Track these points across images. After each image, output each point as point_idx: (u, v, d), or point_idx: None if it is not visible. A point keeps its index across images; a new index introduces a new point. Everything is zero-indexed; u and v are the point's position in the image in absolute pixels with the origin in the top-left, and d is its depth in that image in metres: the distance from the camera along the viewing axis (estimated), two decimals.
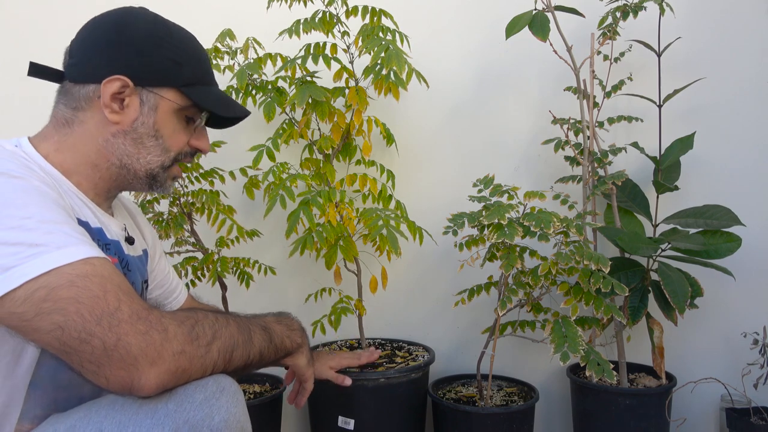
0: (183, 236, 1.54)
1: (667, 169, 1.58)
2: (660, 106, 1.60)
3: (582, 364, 1.25)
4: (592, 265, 1.27)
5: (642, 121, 1.64)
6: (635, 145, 1.60)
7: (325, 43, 1.51)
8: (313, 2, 1.52)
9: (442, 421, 1.47)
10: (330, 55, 1.48)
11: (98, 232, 0.88)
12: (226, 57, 1.54)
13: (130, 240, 1.00)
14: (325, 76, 1.57)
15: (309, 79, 1.50)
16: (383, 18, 1.51)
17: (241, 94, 1.54)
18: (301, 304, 1.70)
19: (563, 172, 1.69)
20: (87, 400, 0.80)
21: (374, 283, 1.51)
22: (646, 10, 1.53)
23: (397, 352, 1.63)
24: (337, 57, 1.50)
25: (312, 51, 1.49)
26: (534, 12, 1.44)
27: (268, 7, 1.52)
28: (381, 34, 1.45)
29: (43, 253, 0.67)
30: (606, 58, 1.62)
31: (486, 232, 1.35)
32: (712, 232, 1.50)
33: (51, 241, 0.69)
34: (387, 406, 1.43)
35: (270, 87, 1.53)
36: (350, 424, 1.41)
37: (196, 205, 1.52)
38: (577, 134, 1.63)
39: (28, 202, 0.71)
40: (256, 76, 1.54)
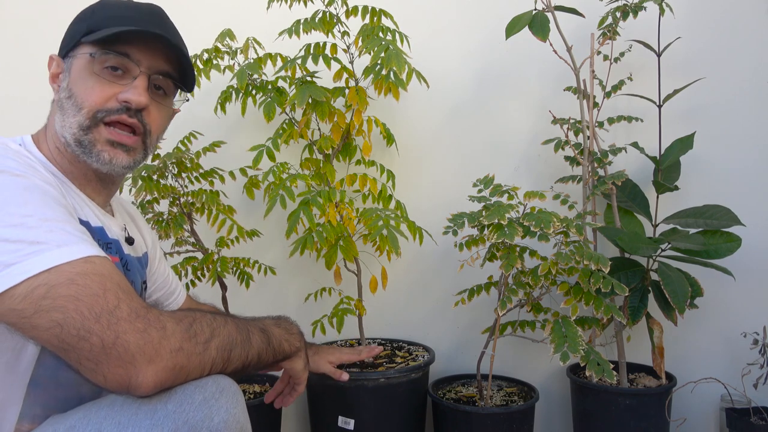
0: (183, 236, 1.54)
1: (667, 169, 1.58)
2: (660, 106, 1.60)
3: (582, 364, 1.25)
4: (592, 265, 1.26)
5: (642, 121, 1.64)
6: (635, 145, 1.60)
7: (325, 43, 1.51)
8: (313, 2, 1.52)
9: (442, 421, 1.46)
10: (330, 55, 1.48)
11: (99, 232, 0.89)
12: (226, 57, 1.54)
13: (130, 240, 1.00)
14: (325, 76, 1.57)
15: (309, 79, 1.50)
16: (383, 18, 1.51)
17: (241, 94, 1.54)
18: (301, 304, 1.70)
19: (563, 172, 1.69)
20: (87, 400, 0.80)
21: (374, 283, 1.51)
22: (645, 10, 1.54)
23: (397, 352, 1.63)
24: (337, 57, 1.50)
25: (312, 51, 1.49)
26: (534, 12, 1.44)
27: (268, 7, 1.53)
28: (381, 34, 1.45)
29: (44, 251, 0.68)
30: (606, 58, 1.63)
31: (486, 232, 1.35)
32: (712, 232, 1.50)
33: (52, 239, 0.69)
34: (387, 406, 1.43)
35: (270, 87, 1.53)
36: (350, 424, 1.41)
37: (196, 205, 1.52)
38: (577, 134, 1.63)
39: (30, 200, 0.71)
40: (256, 76, 1.54)
